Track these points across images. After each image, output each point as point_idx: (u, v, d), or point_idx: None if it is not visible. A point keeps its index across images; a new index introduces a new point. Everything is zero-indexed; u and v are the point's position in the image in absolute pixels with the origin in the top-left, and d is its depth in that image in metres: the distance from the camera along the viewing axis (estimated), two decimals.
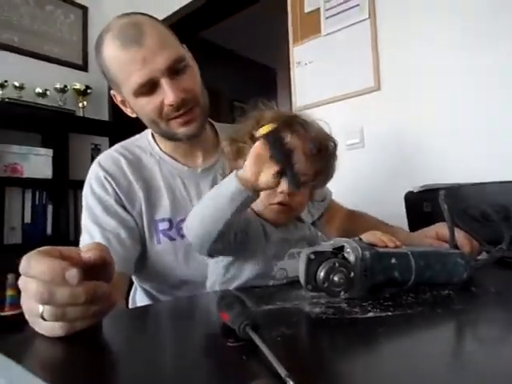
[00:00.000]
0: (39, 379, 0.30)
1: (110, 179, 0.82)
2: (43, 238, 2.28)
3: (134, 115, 0.86)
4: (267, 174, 0.55)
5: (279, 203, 0.67)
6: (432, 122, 1.38)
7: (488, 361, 0.32)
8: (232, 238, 0.62)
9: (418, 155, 1.40)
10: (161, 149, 0.89)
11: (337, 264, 0.48)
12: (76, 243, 0.82)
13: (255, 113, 0.73)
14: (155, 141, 0.90)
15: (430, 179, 1.20)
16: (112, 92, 0.86)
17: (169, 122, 0.80)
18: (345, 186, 1.42)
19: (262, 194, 0.67)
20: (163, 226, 0.82)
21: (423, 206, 1.08)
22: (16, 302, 2.11)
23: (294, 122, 0.70)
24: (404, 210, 1.16)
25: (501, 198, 0.91)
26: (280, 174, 0.55)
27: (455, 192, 0.98)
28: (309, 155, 0.68)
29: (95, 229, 0.78)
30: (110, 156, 0.86)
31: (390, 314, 0.44)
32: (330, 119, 0.75)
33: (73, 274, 0.35)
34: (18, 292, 1.59)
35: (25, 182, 2.22)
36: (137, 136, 0.94)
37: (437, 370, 0.29)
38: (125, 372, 0.33)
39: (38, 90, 2.39)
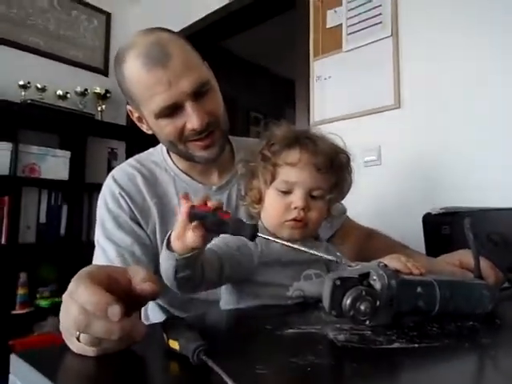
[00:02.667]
0: None
1: (124, 196, 0.81)
2: (56, 238, 2.31)
3: (149, 132, 0.85)
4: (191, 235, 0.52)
5: (294, 219, 0.67)
6: (452, 143, 1.37)
7: None
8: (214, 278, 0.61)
9: (437, 176, 1.39)
10: (175, 165, 0.88)
11: (363, 292, 0.48)
12: (88, 244, 0.82)
13: (267, 133, 0.73)
14: (170, 156, 0.89)
15: (448, 201, 1.19)
16: (128, 107, 0.85)
17: (187, 144, 0.80)
18: (360, 203, 1.41)
19: (277, 211, 0.67)
20: None
21: (441, 228, 1.07)
22: (27, 300, 2.13)
23: (302, 137, 0.70)
24: (421, 231, 1.15)
25: None
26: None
27: (476, 216, 0.97)
28: (321, 169, 0.69)
29: (110, 246, 0.77)
30: (126, 171, 0.85)
31: (416, 345, 0.44)
32: (347, 135, 0.76)
33: (115, 311, 0.36)
34: (29, 291, 1.62)
35: (41, 182, 2.25)
36: (151, 150, 0.94)
37: None
38: None
39: (59, 92, 2.43)
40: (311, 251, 0.54)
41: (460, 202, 1.13)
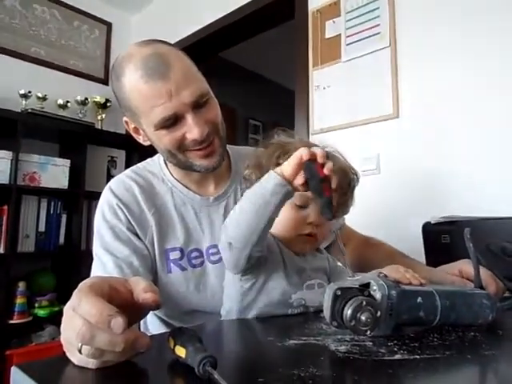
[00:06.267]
0: None
1: (122, 207, 0.80)
2: (55, 247, 2.30)
3: (146, 143, 0.84)
4: (300, 179, 0.57)
5: (307, 234, 0.68)
6: (451, 152, 1.38)
7: None
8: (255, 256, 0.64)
9: (436, 185, 1.40)
10: (172, 175, 0.88)
11: (364, 302, 0.48)
12: (87, 253, 0.81)
13: (281, 141, 0.74)
14: (167, 166, 0.89)
15: (447, 210, 1.19)
16: (125, 119, 0.84)
17: (186, 153, 0.79)
18: (360, 212, 1.41)
19: (291, 224, 0.68)
20: (174, 255, 0.81)
21: (441, 237, 1.07)
22: (25, 310, 2.12)
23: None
24: (420, 240, 1.15)
25: None
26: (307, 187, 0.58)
27: (475, 226, 0.97)
28: (337, 188, 0.70)
29: (108, 257, 0.76)
30: (123, 182, 0.85)
31: (417, 357, 0.44)
32: (346, 144, 0.77)
33: (118, 323, 0.36)
34: (28, 300, 1.62)
35: (41, 191, 2.25)
36: (148, 160, 0.93)
37: None
38: None
39: (60, 101, 2.44)
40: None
41: (459, 212, 1.13)
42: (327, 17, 1.79)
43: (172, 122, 0.75)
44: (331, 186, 0.57)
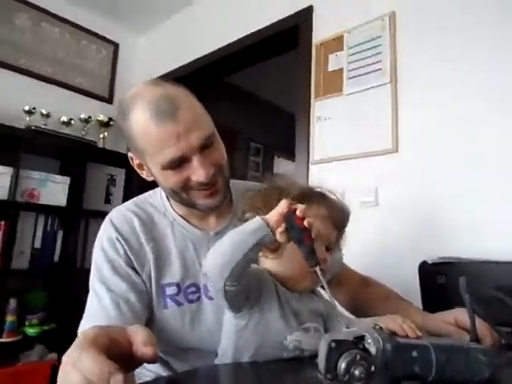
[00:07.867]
0: None
1: (121, 240, 0.81)
2: (50, 264, 2.28)
3: (149, 179, 0.85)
4: (280, 228, 0.61)
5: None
6: (450, 190, 1.38)
7: None
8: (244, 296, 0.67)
9: (434, 222, 1.40)
10: (174, 209, 0.88)
11: (358, 356, 0.48)
12: (82, 271, 0.80)
13: (279, 186, 0.76)
14: (169, 200, 0.89)
15: (445, 248, 1.20)
16: (130, 154, 0.84)
17: (190, 193, 0.80)
18: (356, 245, 1.40)
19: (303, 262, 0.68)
20: (170, 290, 0.81)
21: (437, 277, 1.07)
22: (14, 328, 2.08)
23: (321, 194, 0.75)
24: (416, 278, 1.14)
25: None
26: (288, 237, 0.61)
27: (474, 269, 0.97)
28: (338, 226, 0.74)
29: (105, 292, 0.76)
30: (124, 215, 0.85)
31: None
32: (345, 175, 0.79)
33: (118, 381, 0.35)
34: (18, 318, 1.61)
35: (39, 207, 2.25)
36: (150, 193, 0.94)
37: None
38: None
39: (64, 118, 2.46)
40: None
41: (458, 251, 1.14)
42: (330, 50, 1.83)
43: (178, 163, 0.75)
44: (311, 235, 0.60)
